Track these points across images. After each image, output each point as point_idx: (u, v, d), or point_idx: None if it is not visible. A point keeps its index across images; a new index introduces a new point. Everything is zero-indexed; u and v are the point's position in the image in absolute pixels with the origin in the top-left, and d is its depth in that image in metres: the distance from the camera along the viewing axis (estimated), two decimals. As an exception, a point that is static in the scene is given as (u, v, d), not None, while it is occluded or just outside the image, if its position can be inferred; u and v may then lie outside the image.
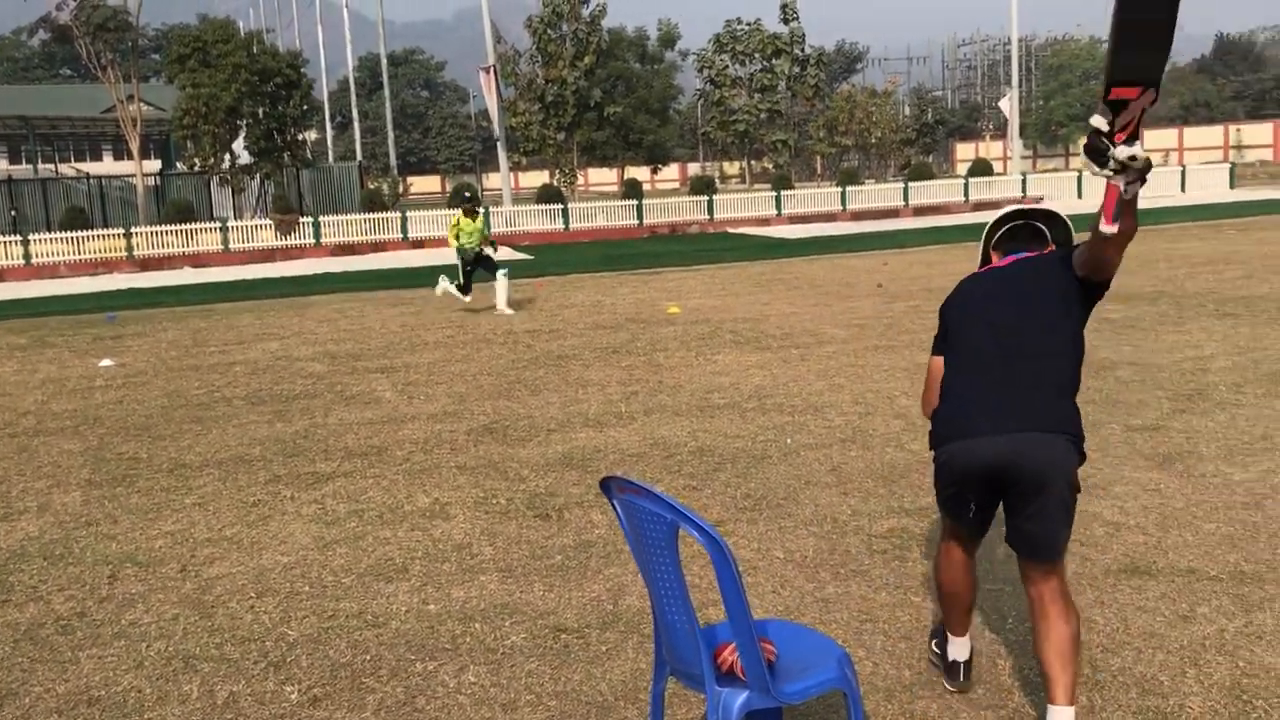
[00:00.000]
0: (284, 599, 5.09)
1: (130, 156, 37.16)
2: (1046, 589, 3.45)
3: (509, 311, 15.24)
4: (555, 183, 45.40)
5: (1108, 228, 3.03)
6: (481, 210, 16.11)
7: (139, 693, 4.22)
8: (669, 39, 60.42)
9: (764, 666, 2.97)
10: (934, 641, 4.12)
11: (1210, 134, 68.38)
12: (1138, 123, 2.88)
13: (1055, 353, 3.43)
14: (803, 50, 56.71)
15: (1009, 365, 3.42)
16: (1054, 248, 3.77)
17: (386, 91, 54.53)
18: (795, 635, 3.36)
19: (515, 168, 53.36)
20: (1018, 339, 3.44)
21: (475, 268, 15.69)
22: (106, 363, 12.57)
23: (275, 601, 5.07)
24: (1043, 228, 3.82)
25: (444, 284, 16.18)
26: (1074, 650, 3.39)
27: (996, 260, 3.79)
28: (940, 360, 3.70)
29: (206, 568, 5.57)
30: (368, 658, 4.43)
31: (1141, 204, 3.17)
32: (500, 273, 15.52)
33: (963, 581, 3.80)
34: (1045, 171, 58.08)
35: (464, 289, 15.83)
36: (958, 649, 3.92)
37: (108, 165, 54.33)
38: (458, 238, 15.61)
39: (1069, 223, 3.82)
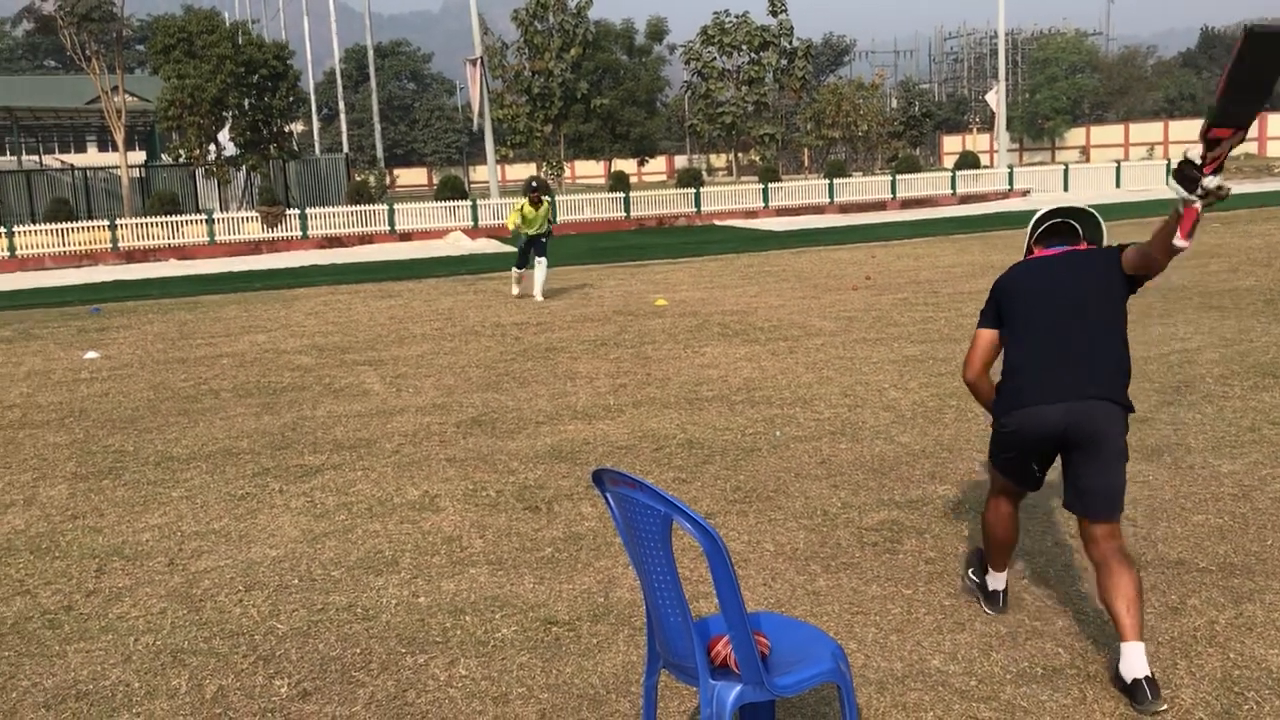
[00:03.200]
0: (273, 592, 5.07)
1: (115, 148, 36.92)
2: (1108, 549, 3.89)
3: (541, 299, 15.49)
4: (542, 175, 45.29)
5: (1182, 243, 3.53)
6: (548, 199, 16.26)
7: (127, 686, 4.20)
8: (657, 32, 60.27)
9: (758, 659, 2.96)
10: (970, 570, 4.66)
11: (1195, 127, 68.31)
12: (1224, 158, 3.41)
13: (1106, 331, 3.94)
14: (790, 43, 56.47)
15: (1072, 342, 3.93)
16: (1086, 244, 4.29)
17: (373, 83, 54.19)
18: (788, 628, 3.36)
19: (502, 160, 53.21)
20: (1081, 320, 3.94)
21: (530, 250, 15.78)
22: (92, 355, 12.50)
23: (264, 595, 5.04)
24: (1076, 225, 4.32)
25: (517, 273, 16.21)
26: (1138, 596, 3.81)
27: (1040, 252, 4.28)
28: (990, 334, 4.23)
29: (194, 561, 5.54)
30: (358, 651, 4.41)
31: (1128, 198, 3.27)
32: (541, 261, 15.62)
33: (1010, 530, 4.37)
34: (1032, 164, 58.19)
35: (519, 265, 16.01)
36: (997, 581, 4.50)
37: (92, 156, 54.08)
38: (523, 223, 15.58)
39: (1100, 221, 4.34)
